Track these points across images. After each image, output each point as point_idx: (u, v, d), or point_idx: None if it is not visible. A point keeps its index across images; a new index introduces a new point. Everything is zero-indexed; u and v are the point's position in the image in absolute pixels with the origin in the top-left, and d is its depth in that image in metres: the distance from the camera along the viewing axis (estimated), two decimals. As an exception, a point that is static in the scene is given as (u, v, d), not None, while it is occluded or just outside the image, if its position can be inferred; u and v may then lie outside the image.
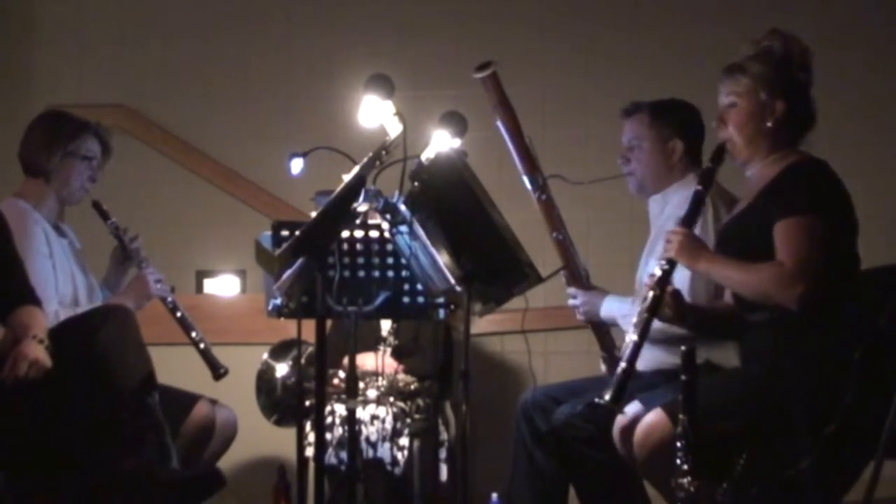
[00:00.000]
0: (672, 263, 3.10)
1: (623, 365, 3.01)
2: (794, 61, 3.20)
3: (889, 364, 2.93)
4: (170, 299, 3.98)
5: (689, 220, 3.14)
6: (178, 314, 3.96)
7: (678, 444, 2.79)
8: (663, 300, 3.07)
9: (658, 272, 3.09)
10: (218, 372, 3.94)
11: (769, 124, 3.18)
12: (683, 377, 2.81)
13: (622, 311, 3.67)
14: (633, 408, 3.26)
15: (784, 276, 2.98)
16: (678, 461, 2.80)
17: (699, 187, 3.16)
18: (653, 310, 3.04)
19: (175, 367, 3.85)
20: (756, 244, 3.09)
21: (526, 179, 3.72)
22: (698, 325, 3.27)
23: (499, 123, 3.70)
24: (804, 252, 2.99)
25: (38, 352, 3.18)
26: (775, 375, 3.00)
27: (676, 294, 3.15)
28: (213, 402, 3.90)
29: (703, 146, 3.82)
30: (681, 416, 2.81)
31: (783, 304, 2.99)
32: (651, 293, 3.06)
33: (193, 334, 3.95)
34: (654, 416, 3.08)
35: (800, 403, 2.91)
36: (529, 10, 5.18)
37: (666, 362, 3.52)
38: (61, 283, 3.73)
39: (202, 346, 3.94)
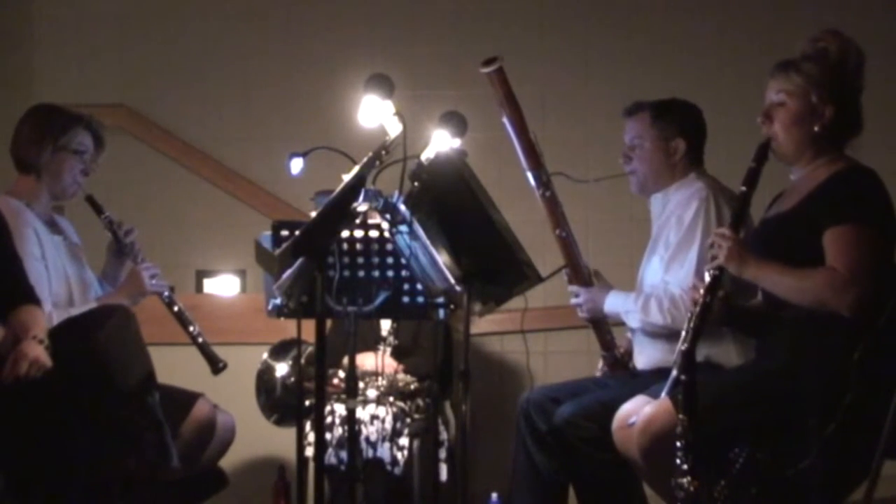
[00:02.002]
0: (721, 269, 3.04)
1: (674, 373, 3.02)
2: (849, 66, 3.12)
3: (888, 364, 2.93)
4: (166, 294, 3.91)
5: (735, 223, 3.08)
6: (175, 308, 3.90)
7: (678, 444, 2.79)
8: (714, 306, 3.01)
9: (707, 278, 3.03)
10: (217, 366, 3.89)
11: (816, 129, 3.10)
12: (683, 377, 2.81)
13: (626, 307, 3.66)
14: (633, 404, 3.25)
15: (838, 282, 2.94)
16: (678, 461, 2.80)
17: (743, 188, 3.07)
18: (703, 317, 2.97)
19: (174, 366, 3.84)
20: (801, 249, 3.04)
21: (530, 176, 3.71)
22: (743, 325, 3.28)
23: (504, 119, 3.68)
24: (857, 258, 2.95)
25: (38, 351, 3.17)
26: (792, 372, 2.98)
27: (725, 297, 3.13)
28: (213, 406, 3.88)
29: (705, 145, 3.84)
30: (680, 416, 2.81)
31: (836, 310, 2.95)
32: (700, 300, 2.99)
33: (191, 328, 3.90)
34: (658, 405, 3.07)
35: (812, 402, 2.90)
36: (529, 9, 5.18)
37: (666, 361, 3.52)
38: (55, 284, 3.68)
39: (200, 340, 3.90)
